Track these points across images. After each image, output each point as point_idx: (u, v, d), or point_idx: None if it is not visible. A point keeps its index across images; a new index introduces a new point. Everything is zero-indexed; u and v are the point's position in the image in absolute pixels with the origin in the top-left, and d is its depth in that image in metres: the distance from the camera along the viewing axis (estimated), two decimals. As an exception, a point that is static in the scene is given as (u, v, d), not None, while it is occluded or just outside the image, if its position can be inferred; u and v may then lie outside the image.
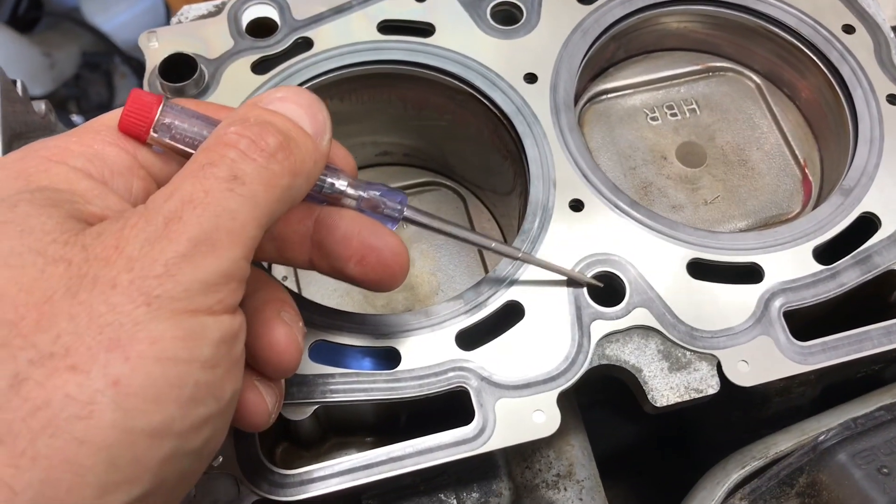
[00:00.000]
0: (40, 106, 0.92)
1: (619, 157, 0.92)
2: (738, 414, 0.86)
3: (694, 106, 0.96)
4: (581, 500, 0.79)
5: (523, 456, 0.81)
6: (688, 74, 0.98)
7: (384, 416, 0.78)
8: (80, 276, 0.48)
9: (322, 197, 0.63)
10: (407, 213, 0.67)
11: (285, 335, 0.59)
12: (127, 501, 0.46)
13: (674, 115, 0.95)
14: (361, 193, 0.64)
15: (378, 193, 0.65)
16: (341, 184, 0.63)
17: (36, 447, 0.43)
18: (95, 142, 0.57)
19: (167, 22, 3.24)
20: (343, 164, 0.66)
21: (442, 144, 0.99)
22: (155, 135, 0.58)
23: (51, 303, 0.47)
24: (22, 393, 0.44)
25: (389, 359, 0.74)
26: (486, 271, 0.97)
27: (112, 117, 0.59)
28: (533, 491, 0.79)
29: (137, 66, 3.25)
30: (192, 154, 0.56)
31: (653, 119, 0.95)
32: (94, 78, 3.54)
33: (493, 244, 0.73)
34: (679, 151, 0.93)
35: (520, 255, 0.74)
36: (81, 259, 0.48)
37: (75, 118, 3.49)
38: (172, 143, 0.58)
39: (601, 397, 0.94)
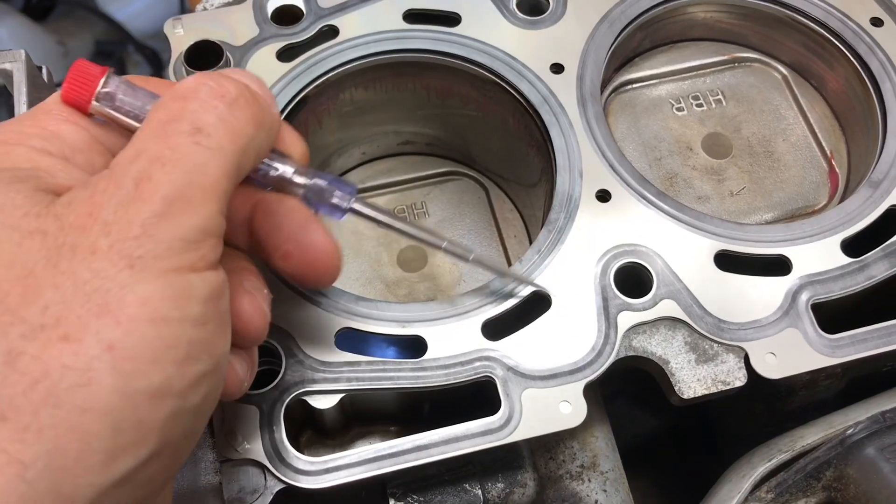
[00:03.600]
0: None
1: (644, 148, 0.92)
2: (762, 407, 0.86)
3: (720, 96, 0.95)
4: (605, 491, 0.79)
5: (547, 447, 0.80)
6: (714, 65, 0.97)
7: (407, 405, 0.78)
8: (58, 245, 0.48)
9: (267, 181, 0.61)
10: (355, 205, 0.64)
11: (249, 303, 0.58)
12: (136, 464, 0.47)
13: (699, 105, 0.95)
14: (307, 181, 0.61)
15: (325, 182, 0.62)
16: (287, 169, 0.61)
17: (40, 420, 0.44)
18: (49, 121, 0.56)
19: (181, 11, 3.24)
20: (293, 149, 0.63)
21: (465, 134, 0.98)
22: (97, 104, 0.57)
23: (33, 275, 0.47)
24: (19, 368, 0.44)
25: (414, 348, 0.73)
26: (509, 261, 0.97)
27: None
28: (557, 482, 0.79)
29: (151, 54, 3.24)
30: (136, 127, 0.55)
31: (678, 109, 0.95)
32: (107, 66, 3.55)
33: (445, 244, 0.70)
34: (705, 142, 0.93)
35: (471, 257, 0.71)
36: (56, 229, 0.48)
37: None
38: (116, 114, 0.57)
39: (622, 389, 0.94)
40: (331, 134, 0.94)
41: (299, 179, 0.61)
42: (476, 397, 0.74)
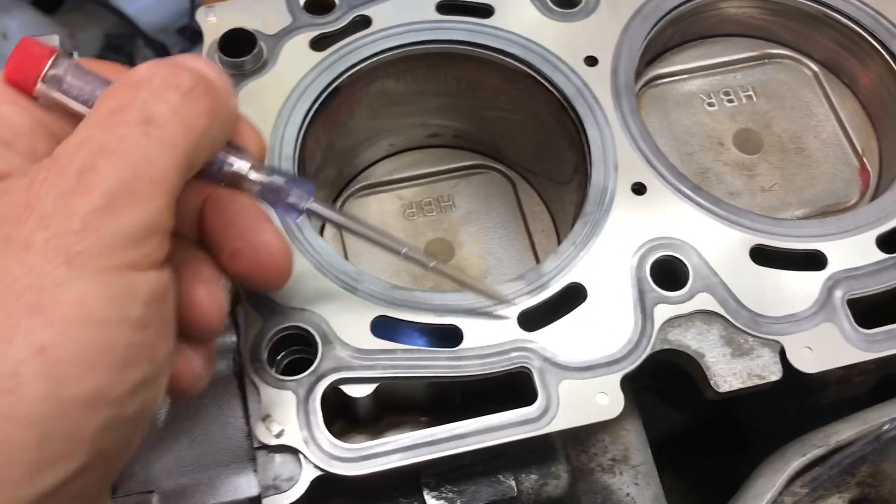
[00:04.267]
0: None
1: (675, 143, 0.92)
2: (793, 403, 0.86)
3: (750, 92, 0.95)
4: (637, 484, 0.79)
5: (579, 440, 0.80)
6: (744, 61, 0.97)
7: (439, 395, 0.78)
8: None
9: (221, 177, 0.57)
10: (312, 205, 0.61)
11: (206, 294, 0.55)
12: (63, 478, 0.44)
13: (730, 101, 0.95)
14: (264, 178, 0.58)
15: (283, 181, 0.59)
16: (242, 165, 0.57)
17: None
18: None
19: (191, 6, 3.23)
20: (250, 143, 0.59)
21: (494, 127, 0.98)
22: (43, 86, 0.53)
23: None
24: None
25: (449, 338, 0.73)
26: (537, 255, 0.97)
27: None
28: (588, 475, 0.79)
29: (160, 48, 3.24)
30: (84, 113, 0.52)
31: (709, 105, 0.95)
32: (116, 60, 3.54)
33: (404, 250, 0.68)
34: (736, 138, 0.93)
35: (431, 265, 0.70)
36: None
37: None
38: (63, 97, 0.53)
39: (650, 384, 0.94)
40: (361, 124, 0.94)
41: (255, 176, 0.58)
42: (507, 389, 0.74)
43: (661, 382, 0.90)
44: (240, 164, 0.57)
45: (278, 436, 0.68)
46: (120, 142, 0.47)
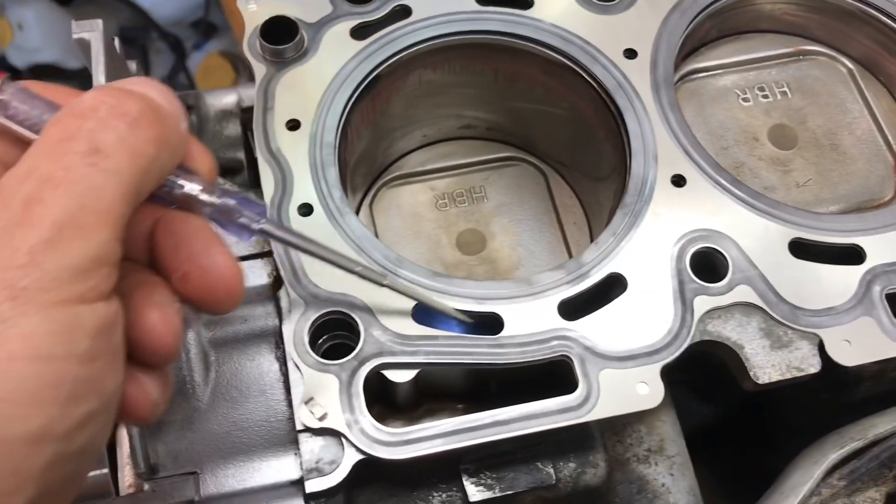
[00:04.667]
0: (132, 65, 0.92)
1: (710, 137, 0.92)
2: (826, 397, 0.86)
3: (785, 88, 0.96)
4: (672, 475, 0.79)
5: (615, 430, 0.81)
6: (779, 57, 0.97)
7: (476, 382, 0.78)
8: None
9: (172, 199, 0.56)
10: (264, 225, 0.60)
11: (160, 319, 0.54)
12: None
13: (765, 96, 0.95)
14: (215, 200, 0.57)
15: (234, 202, 0.58)
16: (193, 187, 0.56)
17: None
18: None
19: (205, 1, 3.23)
20: (201, 165, 0.58)
21: (528, 119, 0.99)
22: None
23: None
24: None
25: (489, 326, 0.74)
26: (569, 247, 0.97)
27: None
28: (624, 465, 0.79)
29: (174, 42, 3.25)
30: (32, 139, 0.51)
31: (744, 100, 0.95)
32: (129, 53, 3.56)
33: (359, 268, 0.68)
34: (771, 133, 0.93)
35: (385, 282, 0.70)
36: None
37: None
38: (9, 123, 0.52)
39: (680, 377, 0.94)
40: (396, 114, 0.95)
41: (206, 198, 0.57)
42: (546, 377, 0.74)
43: (691, 376, 0.90)
44: (190, 187, 0.56)
45: (321, 419, 0.68)
46: (66, 172, 0.46)
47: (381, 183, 1.01)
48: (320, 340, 0.73)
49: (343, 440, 0.68)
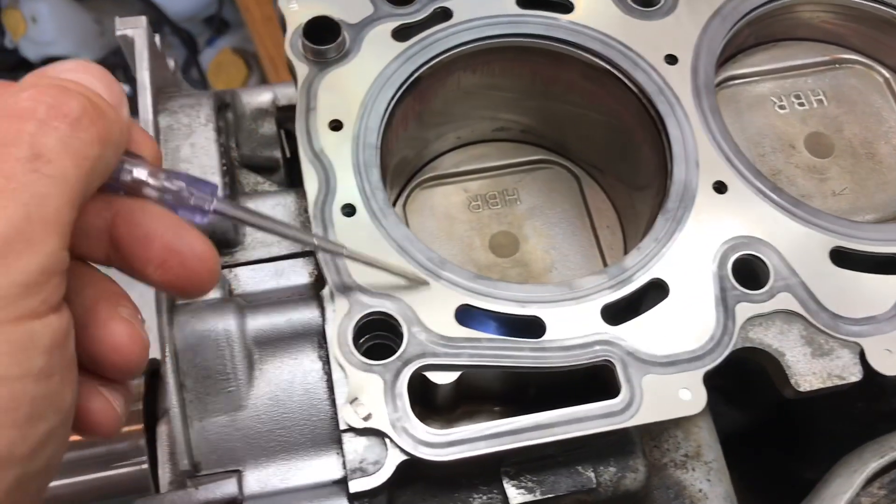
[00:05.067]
0: (170, 62, 0.93)
1: (747, 144, 0.92)
2: (861, 405, 0.86)
3: (821, 96, 0.96)
4: (709, 481, 0.79)
5: (651, 434, 0.81)
6: (816, 65, 0.97)
7: (515, 386, 0.78)
8: None
9: (118, 186, 0.55)
10: (217, 205, 0.59)
11: (127, 334, 0.53)
12: None
13: (801, 104, 0.95)
14: (165, 183, 0.56)
15: (184, 184, 0.57)
16: (141, 172, 0.55)
17: None
18: None
19: (219, -4, 3.21)
20: (144, 149, 0.57)
21: (564, 123, 0.99)
22: None
23: None
24: None
25: (530, 329, 0.74)
26: (602, 252, 0.97)
27: None
28: (661, 470, 0.80)
29: (187, 37, 3.26)
30: None
31: (780, 107, 0.95)
32: (141, 48, 3.56)
33: (315, 241, 0.68)
34: (807, 141, 0.93)
35: (345, 251, 0.70)
36: None
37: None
38: None
39: (714, 383, 0.94)
40: (433, 116, 0.95)
41: (154, 182, 0.55)
42: (586, 381, 0.74)
43: (722, 381, 0.90)
44: (139, 172, 0.55)
45: (366, 419, 0.68)
46: (8, 181, 0.44)
47: (415, 184, 1.01)
48: (361, 340, 0.73)
49: (387, 440, 0.69)
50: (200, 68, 3.29)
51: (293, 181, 0.98)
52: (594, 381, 0.74)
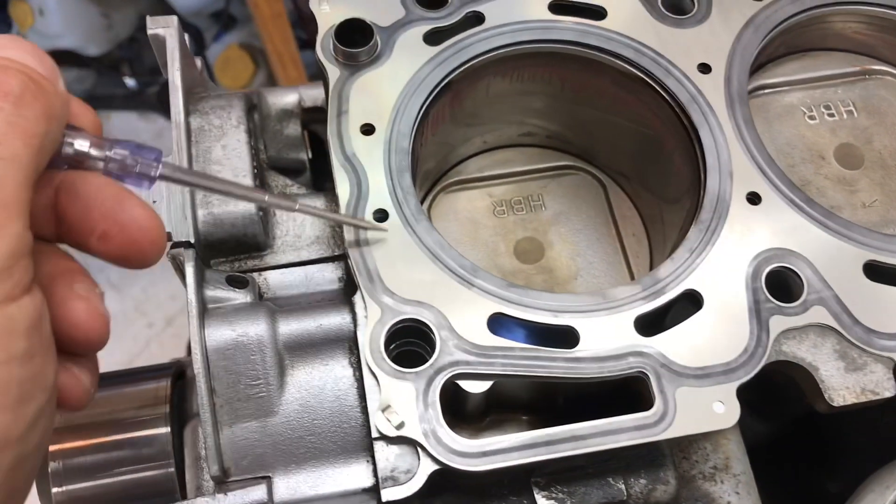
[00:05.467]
0: (198, 61, 0.92)
1: (777, 154, 0.91)
2: (888, 419, 0.86)
3: (851, 107, 0.95)
4: (738, 493, 0.79)
5: (680, 446, 0.81)
6: (845, 76, 0.97)
7: (544, 396, 0.78)
8: None
9: (62, 160, 0.54)
10: (163, 170, 0.58)
11: (85, 310, 0.53)
12: None
13: (831, 115, 0.95)
14: (107, 153, 0.55)
15: (127, 151, 0.56)
16: (82, 143, 0.54)
17: None
18: None
19: (227, -9, 3.20)
20: (84, 121, 0.56)
21: (591, 129, 0.98)
22: None
23: None
24: None
25: (562, 339, 0.73)
26: (627, 259, 0.97)
27: None
28: (690, 482, 0.79)
29: (194, 32, 3.24)
30: None
31: (810, 118, 0.95)
32: (148, 41, 3.55)
33: (266, 197, 0.66)
34: (837, 152, 0.93)
35: (296, 207, 0.69)
36: None
37: (128, 80, 3.51)
38: None
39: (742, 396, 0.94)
40: (461, 121, 0.94)
41: (97, 152, 0.55)
42: (616, 392, 0.74)
43: (749, 394, 0.90)
44: (80, 143, 0.54)
45: (399, 427, 0.68)
46: None
47: (440, 188, 1.00)
48: (391, 346, 0.73)
49: (419, 449, 0.68)
50: (207, 64, 3.28)
51: (318, 185, 0.98)
52: (625, 392, 0.74)
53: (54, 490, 0.76)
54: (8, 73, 0.48)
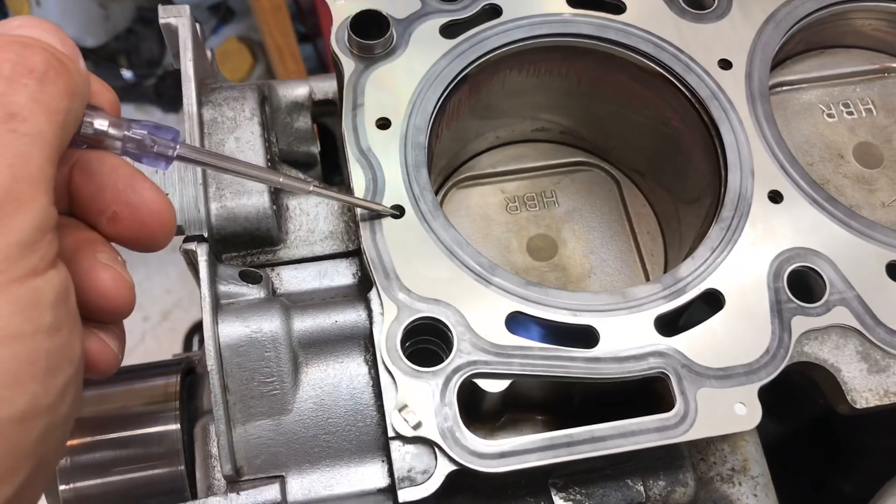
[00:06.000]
0: (208, 52, 0.90)
1: (796, 152, 0.90)
2: (906, 422, 0.85)
3: (870, 105, 0.94)
4: (756, 496, 0.78)
5: (698, 447, 0.80)
6: (864, 73, 0.96)
7: (560, 396, 0.76)
8: None
9: (82, 140, 0.55)
10: (181, 151, 0.59)
11: (111, 278, 0.54)
12: (12, 493, 0.44)
13: (850, 113, 0.94)
14: (126, 133, 0.56)
15: (145, 131, 0.57)
16: (101, 123, 0.55)
17: None
18: None
19: (228, -17, 3.18)
20: (103, 100, 0.57)
21: (606, 125, 0.97)
22: None
23: None
24: None
25: (581, 338, 0.72)
26: (642, 257, 0.96)
27: None
28: (708, 484, 0.78)
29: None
30: None
31: (829, 116, 0.93)
32: (146, 33, 3.52)
33: (281, 178, 0.67)
34: (856, 151, 0.92)
35: (310, 189, 0.69)
36: None
37: (125, 72, 3.48)
38: None
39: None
40: (476, 114, 0.93)
41: (116, 132, 0.55)
42: (634, 393, 0.73)
43: (767, 394, 0.89)
44: (99, 123, 0.55)
45: (416, 427, 0.67)
46: None
47: (452, 183, 0.99)
48: (407, 344, 0.72)
49: (436, 450, 0.67)
50: (208, 57, 3.25)
51: (328, 178, 0.96)
52: (644, 392, 0.73)
53: (62, 487, 0.75)
54: (32, 50, 0.49)
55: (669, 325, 0.73)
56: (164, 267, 2.94)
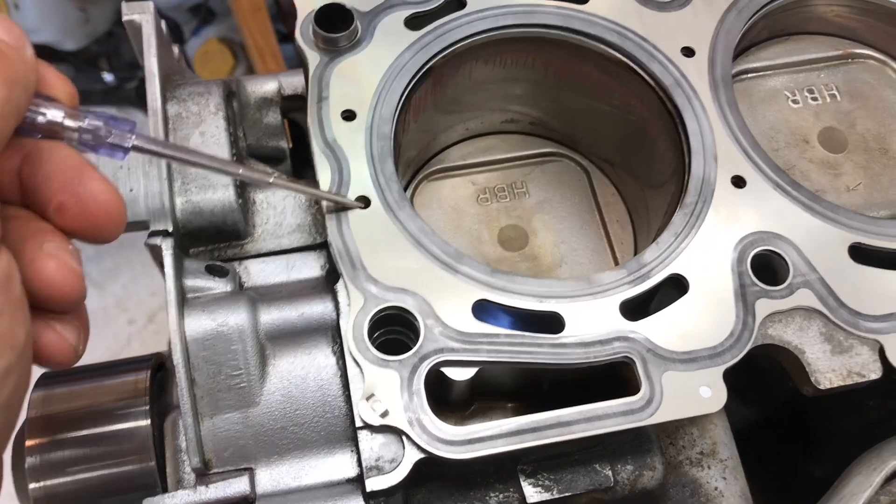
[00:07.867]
0: (175, 49, 0.90)
1: (761, 138, 0.91)
2: (873, 403, 0.86)
3: (834, 91, 0.95)
4: (725, 479, 0.79)
5: (667, 432, 0.80)
6: (828, 59, 0.97)
7: (529, 382, 0.77)
8: None
9: (36, 129, 0.55)
10: (137, 141, 0.59)
11: (57, 268, 0.53)
12: None
13: (814, 99, 0.94)
14: (81, 123, 0.56)
15: (100, 122, 0.57)
16: (55, 114, 0.55)
17: None
18: None
19: (206, -17, 3.17)
20: (59, 90, 0.57)
21: (574, 115, 0.97)
22: None
23: None
24: None
25: (547, 325, 0.72)
26: (612, 245, 0.96)
27: None
28: (677, 468, 0.79)
29: (172, 26, 3.21)
30: None
31: (794, 102, 0.94)
32: (126, 36, 3.52)
33: (241, 170, 0.67)
34: (821, 136, 0.92)
35: (270, 180, 0.68)
36: None
37: (106, 75, 3.46)
38: None
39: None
40: (443, 107, 0.93)
41: (71, 123, 0.55)
42: (601, 378, 0.73)
43: (734, 378, 0.90)
44: (53, 114, 0.55)
45: (383, 416, 0.67)
46: None
47: (423, 176, 0.99)
48: (375, 335, 0.72)
49: (404, 438, 0.67)
50: (186, 58, 3.25)
51: (299, 173, 0.96)
52: (611, 377, 0.73)
53: (31, 486, 0.75)
54: None
55: (636, 310, 0.74)
56: (148, 270, 2.92)
